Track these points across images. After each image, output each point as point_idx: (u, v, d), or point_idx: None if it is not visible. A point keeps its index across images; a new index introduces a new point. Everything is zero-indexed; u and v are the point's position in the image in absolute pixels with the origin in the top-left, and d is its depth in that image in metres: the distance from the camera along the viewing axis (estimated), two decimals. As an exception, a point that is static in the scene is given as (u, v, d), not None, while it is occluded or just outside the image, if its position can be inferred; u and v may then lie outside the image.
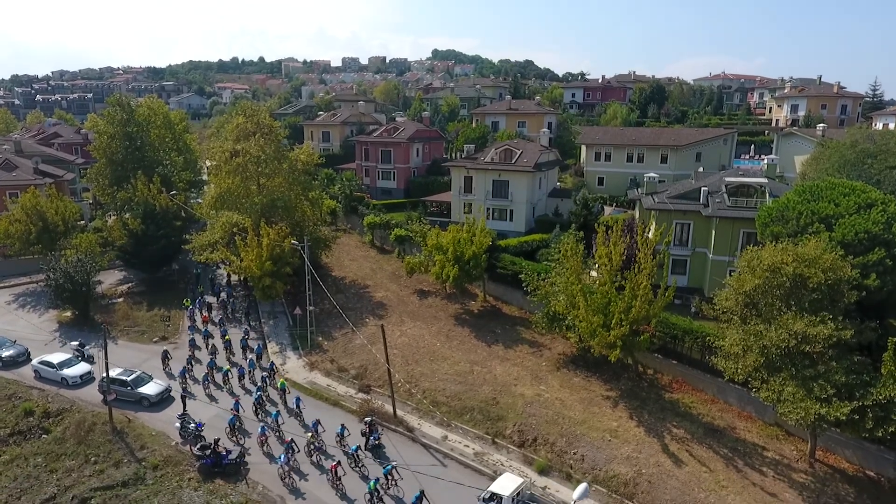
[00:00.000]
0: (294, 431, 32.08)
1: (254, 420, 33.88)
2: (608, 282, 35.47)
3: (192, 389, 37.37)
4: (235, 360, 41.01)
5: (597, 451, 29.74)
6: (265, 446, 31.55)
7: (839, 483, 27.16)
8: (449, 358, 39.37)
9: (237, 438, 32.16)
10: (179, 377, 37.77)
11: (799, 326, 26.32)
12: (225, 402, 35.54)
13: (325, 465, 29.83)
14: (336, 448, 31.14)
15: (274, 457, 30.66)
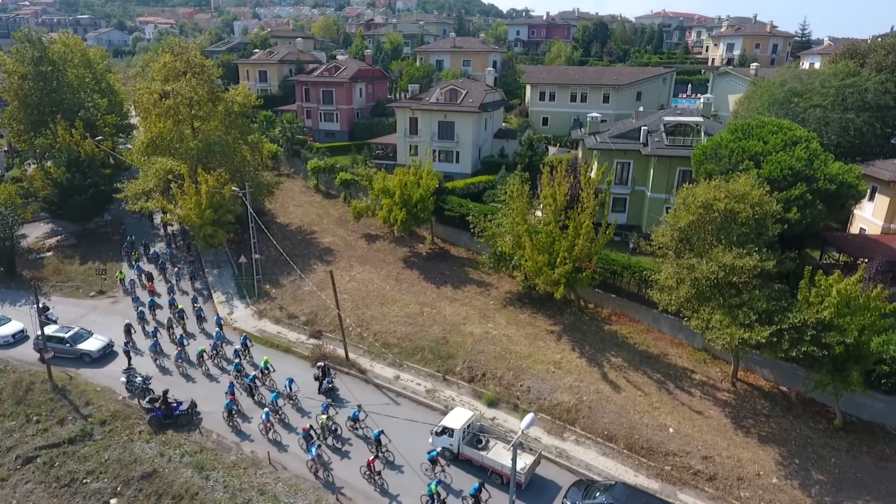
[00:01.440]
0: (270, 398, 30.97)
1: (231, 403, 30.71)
2: (553, 221, 36.18)
3: (166, 365, 34.79)
4: (192, 332, 38.03)
5: (542, 382, 31.22)
6: (271, 432, 28.76)
7: (757, 399, 29.77)
8: (399, 301, 39.72)
9: (235, 425, 29.45)
10: (151, 351, 34.95)
11: (728, 259, 27.77)
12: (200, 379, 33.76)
13: (344, 448, 28.35)
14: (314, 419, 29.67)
15: (281, 444, 28.35)
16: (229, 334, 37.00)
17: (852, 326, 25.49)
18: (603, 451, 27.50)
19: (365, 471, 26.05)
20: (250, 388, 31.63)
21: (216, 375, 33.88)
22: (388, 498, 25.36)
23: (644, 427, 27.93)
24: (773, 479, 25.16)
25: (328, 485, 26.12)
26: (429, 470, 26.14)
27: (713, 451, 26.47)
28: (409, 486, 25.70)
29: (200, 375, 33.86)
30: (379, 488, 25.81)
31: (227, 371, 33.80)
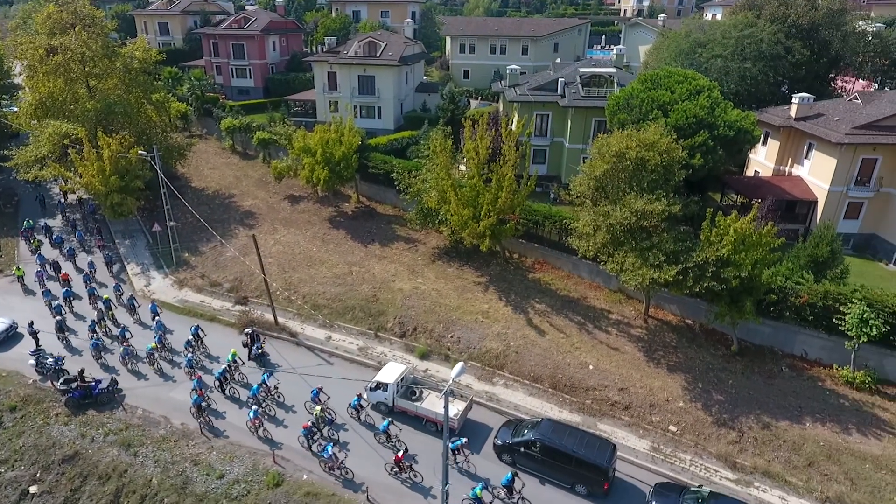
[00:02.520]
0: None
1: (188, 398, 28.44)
2: (476, 175, 36.48)
3: (111, 363, 31.27)
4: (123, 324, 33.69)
5: (471, 332, 32.18)
6: (261, 430, 26.57)
7: (666, 332, 32.18)
8: (326, 261, 39.19)
9: (204, 419, 27.04)
10: (92, 349, 31.08)
11: (639, 205, 29.18)
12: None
13: (338, 436, 26.59)
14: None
15: (273, 441, 26.26)
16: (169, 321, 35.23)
17: (747, 261, 27.80)
18: (530, 391, 29.00)
19: (392, 468, 24.41)
20: (221, 383, 28.90)
21: (170, 373, 30.68)
22: (420, 493, 23.87)
23: (567, 366, 29.61)
24: (680, 402, 27.60)
25: (348, 483, 24.28)
26: (384, 442, 25.94)
27: (628, 382, 28.56)
28: (354, 443, 26.21)
29: (153, 374, 30.63)
30: (410, 484, 24.24)
31: (178, 365, 30.89)
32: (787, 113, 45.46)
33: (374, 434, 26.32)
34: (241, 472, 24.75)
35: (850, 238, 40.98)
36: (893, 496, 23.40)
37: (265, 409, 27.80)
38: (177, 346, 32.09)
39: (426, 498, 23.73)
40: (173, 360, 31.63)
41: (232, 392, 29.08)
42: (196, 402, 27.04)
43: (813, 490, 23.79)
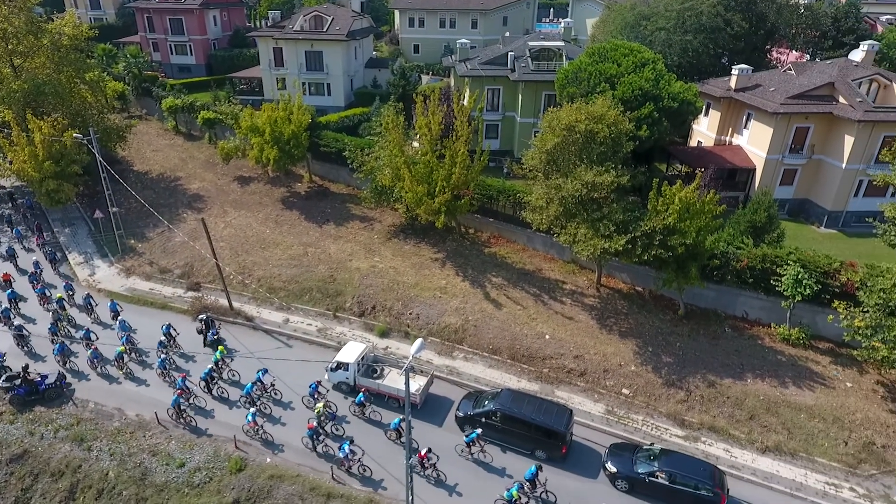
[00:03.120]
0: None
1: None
2: (429, 151, 36.23)
3: (79, 368, 29.22)
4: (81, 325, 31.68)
5: (430, 308, 32.31)
6: (260, 432, 25.20)
7: (617, 300, 33.20)
8: (281, 243, 38.36)
9: (185, 420, 25.79)
10: (57, 355, 29.05)
11: (589, 177, 29.64)
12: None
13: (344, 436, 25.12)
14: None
15: (274, 444, 24.89)
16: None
17: (691, 229, 28.79)
18: (489, 363, 29.50)
19: (415, 465, 23.16)
20: (207, 383, 27.38)
21: (141, 376, 28.83)
22: (446, 490, 23.14)
23: (524, 337, 30.21)
24: (632, 366, 28.67)
25: (366, 480, 23.40)
26: (359, 414, 26.04)
27: (583, 350, 29.42)
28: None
29: (124, 378, 28.71)
30: (434, 480, 23.39)
31: (151, 366, 29.06)
32: (727, 84, 46.90)
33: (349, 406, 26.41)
34: (202, 459, 24.33)
35: (786, 203, 43.03)
36: (825, 442, 25.17)
37: (260, 407, 26.24)
38: (144, 345, 30.14)
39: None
40: (144, 360, 29.70)
41: (220, 392, 27.48)
42: (175, 403, 25.57)
43: (754, 441, 25.31)
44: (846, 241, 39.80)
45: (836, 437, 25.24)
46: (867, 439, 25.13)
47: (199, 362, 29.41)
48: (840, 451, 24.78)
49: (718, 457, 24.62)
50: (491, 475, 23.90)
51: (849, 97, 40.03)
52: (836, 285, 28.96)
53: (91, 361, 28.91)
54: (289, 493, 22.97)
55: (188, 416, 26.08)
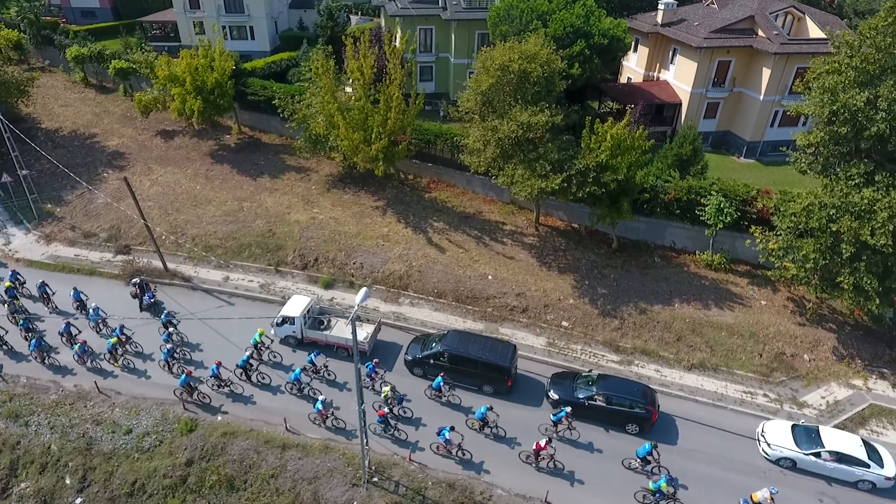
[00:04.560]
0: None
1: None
2: (363, 96, 34.88)
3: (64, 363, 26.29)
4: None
5: (373, 256, 32.07)
6: (329, 420, 23.67)
7: (555, 238, 34.03)
8: (214, 199, 36.59)
9: (199, 398, 24.28)
10: (34, 351, 26.02)
11: (524, 117, 29.49)
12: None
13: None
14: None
15: (347, 431, 23.38)
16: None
17: (623, 165, 29.48)
18: (435, 307, 29.87)
19: (530, 457, 22.44)
20: (245, 370, 25.24)
21: (141, 368, 26.29)
22: (566, 479, 22.14)
23: (467, 279, 30.65)
24: (570, 300, 29.79)
25: (467, 464, 22.31)
26: (313, 374, 25.20)
27: (524, 287, 30.22)
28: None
29: (122, 371, 26.15)
30: (553, 471, 22.31)
31: (150, 357, 26.53)
32: (654, 19, 47.16)
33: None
34: (149, 424, 23.77)
35: (709, 136, 44.68)
36: (742, 356, 27.36)
37: (308, 392, 24.74)
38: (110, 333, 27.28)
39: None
40: (140, 351, 26.96)
41: (260, 378, 25.54)
42: (184, 382, 23.92)
43: (681, 360, 27.20)
44: (763, 169, 42.04)
45: (752, 351, 27.47)
46: (778, 350, 27.50)
47: (137, 329, 28.13)
48: (755, 363, 27.05)
49: (650, 377, 26.36)
50: (444, 408, 24.70)
51: (766, 30, 41.19)
52: (753, 212, 30.70)
53: (79, 357, 25.88)
54: (243, 448, 22.96)
55: (201, 393, 24.57)
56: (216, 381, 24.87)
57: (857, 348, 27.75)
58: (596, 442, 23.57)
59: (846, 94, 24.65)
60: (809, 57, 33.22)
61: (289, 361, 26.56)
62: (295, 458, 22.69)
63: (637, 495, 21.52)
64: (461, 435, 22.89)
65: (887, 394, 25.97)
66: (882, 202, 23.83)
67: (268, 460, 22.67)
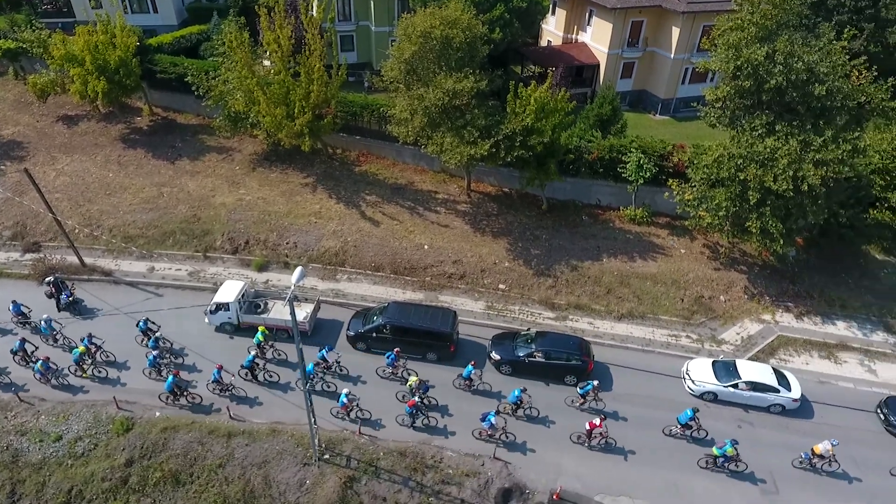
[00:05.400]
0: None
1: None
2: (283, 70, 33.17)
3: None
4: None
5: (306, 235, 31.08)
6: (353, 412, 23.01)
7: (487, 203, 34.21)
8: (129, 187, 34.06)
9: (189, 399, 23.13)
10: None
11: (449, 84, 29.02)
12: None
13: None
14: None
15: (372, 421, 22.84)
16: None
17: (547, 127, 29.75)
18: (374, 280, 29.49)
19: (581, 437, 22.39)
20: (251, 370, 24.06)
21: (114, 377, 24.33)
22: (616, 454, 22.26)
23: (404, 250, 30.36)
24: (506, 263, 30.21)
25: (509, 444, 22.21)
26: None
27: (461, 254, 30.32)
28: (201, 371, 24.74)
29: (90, 382, 24.13)
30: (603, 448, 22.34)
31: (126, 366, 24.54)
32: (570, -19, 47.26)
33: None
34: (81, 428, 22.30)
35: (627, 95, 45.87)
36: (666, 302, 28.85)
37: (323, 387, 23.90)
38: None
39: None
40: (114, 361, 25.00)
41: (269, 376, 24.42)
42: (170, 386, 22.60)
43: (611, 311, 28.36)
44: (677, 125, 43.77)
45: (674, 297, 29.02)
46: (698, 294, 29.21)
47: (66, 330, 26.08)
48: (678, 308, 28.63)
49: (584, 330, 27.36)
50: (388, 381, 24.69)
51: (674, -11, 42.25)
52: (670, 166, 31.97)
53: (41, 375, 23.56)
54: (186, 442, 22.06)
55: (190, 394, 23.27)
56: (218, 386, 23.47)
57: (765, 286, 29.89)
58: (541, 396, 24.28)
59: (748, 49, 25.79)
60: (714, 15, 34.48)
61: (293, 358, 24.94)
62: (242, 445, 22.08)
63: (700, 461, 21.99)
64: (504, 419, 22.64)
65: (792, 325, 28.26)
66: (782, 150, 25.38)
67: (214, 450, 21.93)
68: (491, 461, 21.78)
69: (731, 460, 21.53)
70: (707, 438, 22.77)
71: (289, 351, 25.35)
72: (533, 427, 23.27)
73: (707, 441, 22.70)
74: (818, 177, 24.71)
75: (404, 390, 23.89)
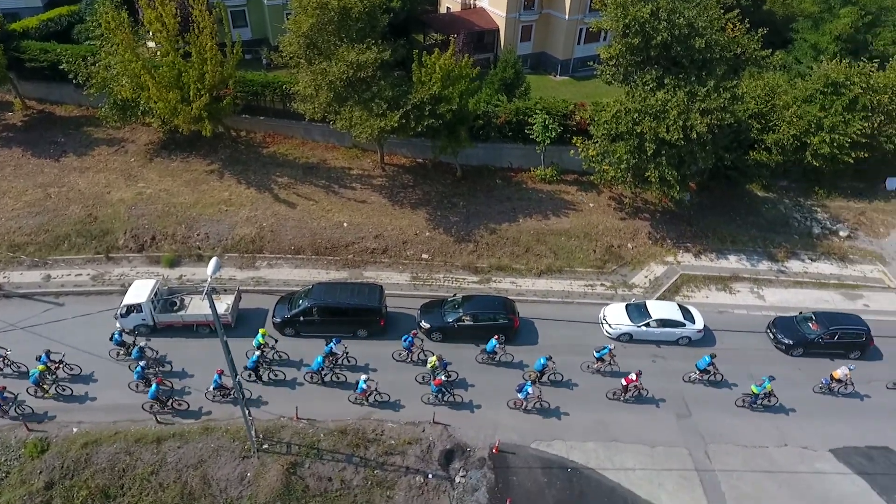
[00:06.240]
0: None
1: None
2: (171, 50, 30.59)
3: None
4: None
5: (218, 224, 29.38)
6: (371, 397, 22.59)
7: (403, 175, 33.81)
8: (9, 190, 30.50)
9: (173, 406, 21.83)
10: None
11: (352, 56, 27.98)
12: None
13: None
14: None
15: (392, 404, 22.56)
16: None
17: (455, 95, 29.60)
18: (295, 264, 28.52)
19: (617, 392, 23.35)
20: (254, 371, 22.99)
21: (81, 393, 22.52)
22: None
23: (323, 230, 29.51)
24: (427, 232, 30.19)
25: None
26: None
27: (381, 229, 29.91)
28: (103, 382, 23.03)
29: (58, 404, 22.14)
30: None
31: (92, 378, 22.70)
32: (464, -55, 46.59)
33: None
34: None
35: (527, 58, 46.46)
36: (580, 254, 30.10)
37: (333, 378, 23.45)
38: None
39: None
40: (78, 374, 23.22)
41: (274, 375, 23.47)
42: (154, 395, 21.38)
43: (531, 269, 29.24)
44: (577, 84, 45.03)
45: (587, 249, 30.33)
46: (608, 244, 30.71)
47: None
48: (591, 259, 30.00)
49: (507, 289, 28.08)
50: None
51: (564, -49, 42.79)
52: (573, 125, 32.93)
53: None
54: (111, 454, 20.64)
55: (175, 401, 22.07)
56: (220, 392, 22.26)
57: (666, 231, 31.92)
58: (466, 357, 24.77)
59: (634, 7, 26.72)
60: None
61: (296, 356, 24.41)
62: (174, 448, 20.99)
63: (737, 401, 23.45)
64: (540, 389, 22.92)
65: (692, 263, 30.49)
66: (672, 102, 26.80)
67: (143, 458, 20.70)
68: (431, 426, 22.12)
69: (768, 396, 23.02)
70: (620, 371, 24.26)
71: (289, 349, 24.65)
72: (469, 389, 23.70)
73: (618, 373, 24.22)
74: (704, 125, 26.41)
75: (424, 371, 23.76)
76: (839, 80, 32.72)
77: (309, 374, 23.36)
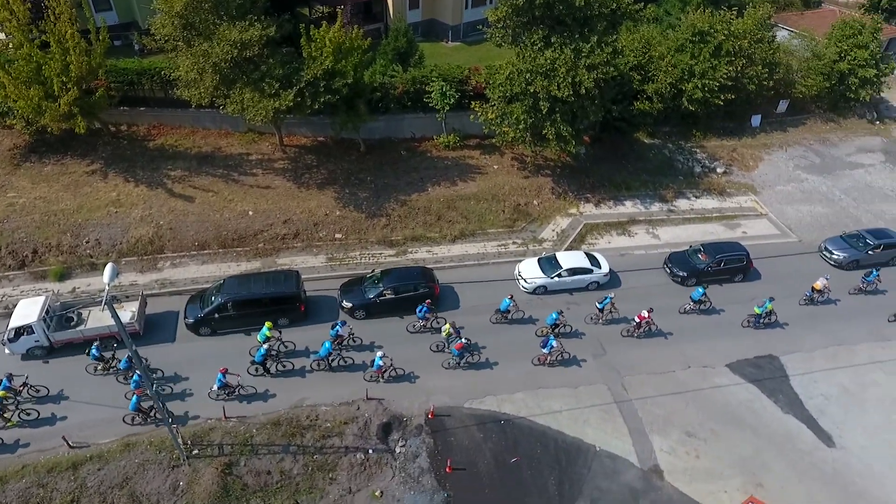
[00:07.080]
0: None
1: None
2: (25, 42, 27.10)
3: None
4: None
5: (109, 228, 26.95)
6: (387, 373, 22.73)
7: (305, 156, 32.51)
8: None
9: (155, 416, 20.68)
10: None
11: (235, 35, 26.18)
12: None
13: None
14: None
15: (408, 376, 22.82)
16: None
17: (349, 68, 28.62)
18: (202, 260, 26.91)
19: (630, 329, 25.14)
20: (263, 364, 22.27)
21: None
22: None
23: (227, 222, 27.95)
24: (337, 212, 29.45)
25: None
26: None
27: (289, 213, 28.79)
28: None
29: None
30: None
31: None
32: (340, -90, 44.27)
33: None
34: None
35: (418, 26, 45.64)
36: (491, 216, 30.70)
37: (340, 362, 23.13)
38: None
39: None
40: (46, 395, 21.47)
41: (283, 367, 22.96)
42: (135, 405, 20.43)
43: (445, 236, 29.50)
44: (469, 49, 44.98)
45: (496, 210, 30.99)
46: (515, 203, 31.53)
47: None
48: (501, 219, 30.72)
49: (425, 258, 28.22)
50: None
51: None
52: (470, 90, 33.03)
53: None
54: (21, 490, 18.84)
55: (157, 410, 20.26)
56: (224, 391, 21.49)
57: (567, 184, 33.24)
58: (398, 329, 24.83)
59: (515, -32, 26.84)
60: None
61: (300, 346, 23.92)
62: (93, 471, 19.53)
63: (742, 322, 25.83)
64: (562, 343, 23.74)
65: (593, 212, 32.09)
66: (559, 60, 27.53)
67: (60, 488, 19.10)
68: (365, 403, 22.09)
69: (771, 315, 25.60)
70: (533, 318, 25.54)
71: (296, 339, 24.11)
72: (403, 362, 23.38)
73: (533, 320, 25.38)
74: (591, 80, 27.44)
75: (439, 339, 24.10)
76: (704, 28, 35.09)
77: (317, 361, 22.97)
